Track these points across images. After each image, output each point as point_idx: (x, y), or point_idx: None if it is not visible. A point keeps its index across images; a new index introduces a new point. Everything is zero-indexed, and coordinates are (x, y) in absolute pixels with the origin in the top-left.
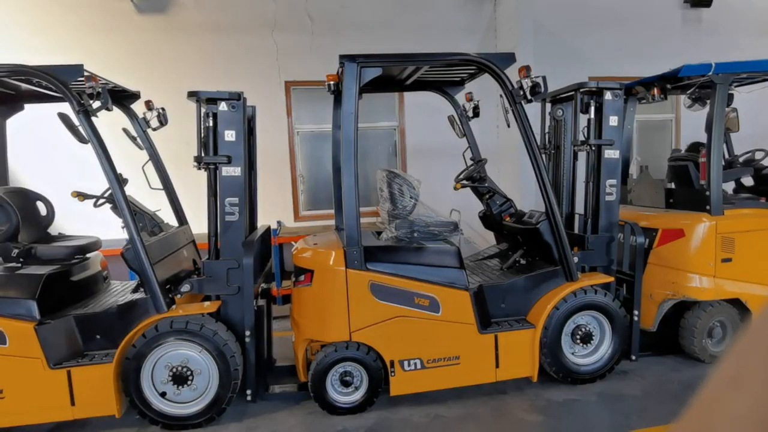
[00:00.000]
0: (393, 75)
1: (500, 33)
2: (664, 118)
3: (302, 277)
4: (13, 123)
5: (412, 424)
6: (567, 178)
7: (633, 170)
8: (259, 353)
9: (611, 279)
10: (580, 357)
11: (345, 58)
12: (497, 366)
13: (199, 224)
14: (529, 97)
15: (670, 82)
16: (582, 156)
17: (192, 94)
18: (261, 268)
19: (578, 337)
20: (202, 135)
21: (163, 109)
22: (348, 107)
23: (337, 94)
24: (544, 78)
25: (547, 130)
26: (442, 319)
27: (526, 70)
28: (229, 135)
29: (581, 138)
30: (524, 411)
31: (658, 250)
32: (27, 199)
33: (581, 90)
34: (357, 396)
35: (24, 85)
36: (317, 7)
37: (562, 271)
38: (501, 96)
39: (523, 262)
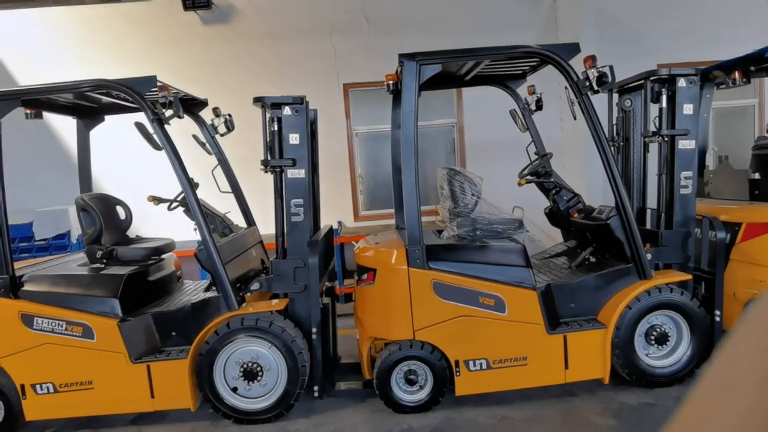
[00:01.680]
0: (452, 71)
1: (561, 23)
2: (746, 104)
3: (365, 276)
4: (93, 133)
5: (478, 424)
6: (637, 172)
7: (710, 161)
8: (325, 350)
9: (688, 277)
10: (655, 359)
11: (404, 57)
12: (566, 367)
13: (266, 225)
14: (595, 87)
15: (753, 65)
16: (653, 148)
17: (257, 100)
18: (325, 267)
19: (653, 337)
20: (268, 139)
21: (229, 115)
22: (408, 106)
23: (396, 93)
24: (611, 67)
25: (614, 121)
26: (508, 319)
27: (591, 59)
28: (294, 138)
29: (652, 129)
30: (596, 414)
31: (742, 245)
32: (108, 204)
33: (651, 78)
34: (422, 395)
35: (104, 98)
36: (373, 8)
37: (634, 269)
38: (566, 88)
39: (592, 259)
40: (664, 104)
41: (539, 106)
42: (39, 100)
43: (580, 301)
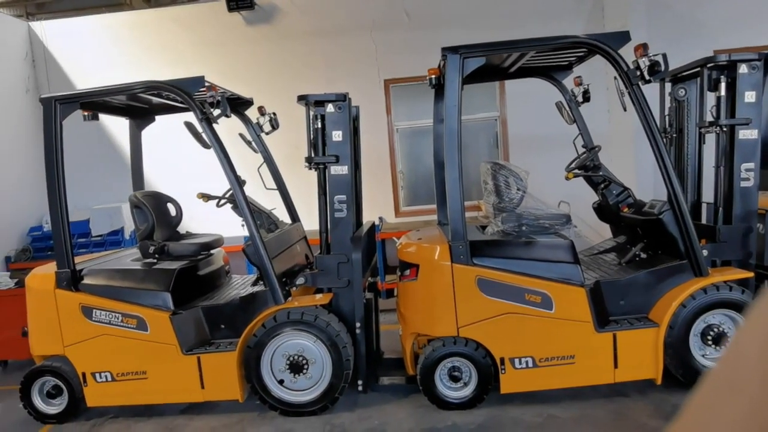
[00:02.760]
0: (496, 64)
1: (608, 11)
2: None
3: (407, 272)
4: (144, 134)
5: (524, 423)
6: (692, 164)
7: None
8: (368, 345)
9: (750, 274)
10: (713, 360)
11: (447, 50)
12: (616, 366)
13: (310, 221)
14: (647, 77)
15: None
16: (710, 139)
17: (301, 98)
18: (368, 263)
19: (710, 338)
20: (312, 136)
21: (274, 113)
22: (451, 100)
23: (438, 87)
24: (664, 56)
25: (667, 112)
26: (555, 316)
27: (643, 48)
28: (337, 135)
29: (709, 119)
30: (647, 416)
31: None
32: (160, 201)
33: (709, 65)
34: (466, 392)
35: (155, 99)
36: (414, 3)
37: (689, 266)
38: (615, 78)
39: (643, 256)
40: (723, 92)
41: (586, 97)
42: (95, 103)
43: (631, 299)
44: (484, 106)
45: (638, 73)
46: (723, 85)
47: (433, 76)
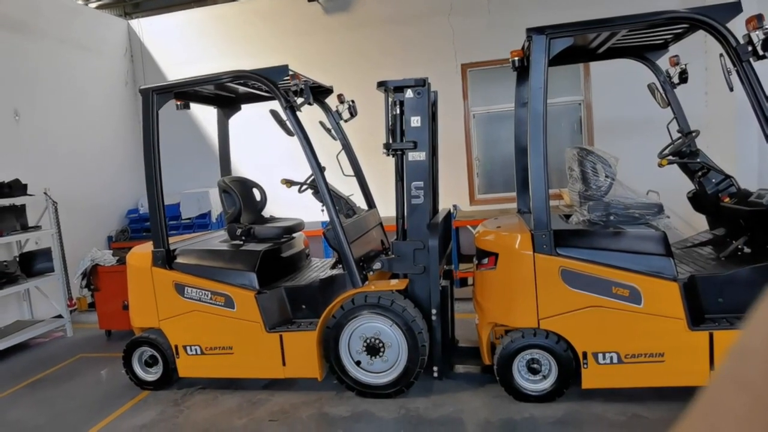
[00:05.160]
0: (583, 44)
1: None
2: None
3: (486, 261)
4: (231, 122)
5: (606, 420)
6: None
7: None
8: (444, 332)
9: None
10: None
11: (532, 31)
12: (711, 368)
13: (385, 208)
14: (761, 52)
15: None
16: None
17: (381, 84)
18: (443, 250)
19: None
20: (390, 122)
21: (353, 101)
22: (537, 82)
23: (521, 70)
24: None
25: None
26: (644, 311)
27: (757, 20)
28: (415, 121)
29: None
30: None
31: None
32: (246, 186)
33: None
34: (545, 384)
35: (241, 88)
36: None
37: None
38: (721, 56)
39: (747, 250)
40: None
41: (683, 78)
42: (187, 93)
43: (731, 296)
44: (566, 89)
45: (750, 48)
46: None
47: (516, 58)
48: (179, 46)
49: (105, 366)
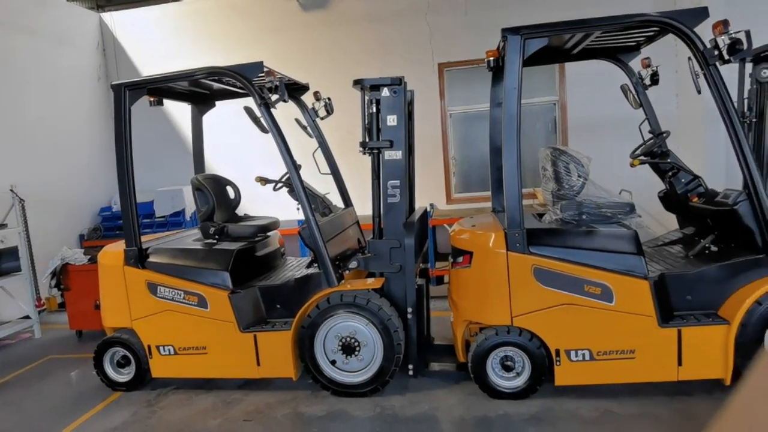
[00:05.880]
0: (558, 45)
1: None
2: None
3: (460, 259)
4: (205, 119)
5: (579, 417)
6: None
7: None
8: (419, 330)
9: None
10: None
11: (508, 31)
12: (680, 364)
13: (362, 206)
14: (726, 56)
15: None
16: None
17: (357, 82)
18: (419, 249)
19: None
20: (366, 121)
21: (329, 99)
22: (511, 82)
23: (497, 70)
24: (747, 33)
25: (746, 95)
26: (615, 309)
27: (723, 25)
28: (391, 120)
29: None
30: (713, 417)
31: None
32: (220, 184)
33: None
34: (519, 382)
35: (216, 85)
36: None
37: (766, 260)
38: (689, 59)
39: (714, 248)
40: None
41: (655, 80)
42: (161, 89)
43: (699, 294)
44: (541, 90)
45: (716, 52)
46: None
47: (492, 58)
48: (153, 42)
49: (75, 367)
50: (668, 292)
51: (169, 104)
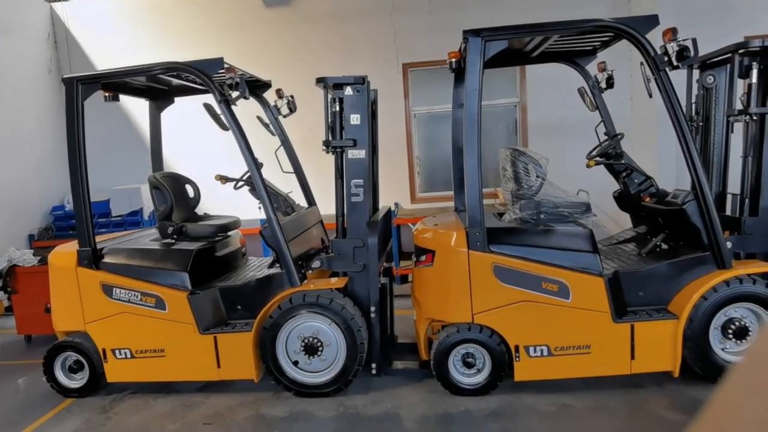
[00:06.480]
0: (518, 48)
1: None
2: None
3: (423, 258)
4: (164, 115)
5: (537, 411)
6: (718, 154)
7: None
8: (382, 329)
9: None
10: (733, 354)
11: (469, 33)
12: (633, 357)
13: (325, 205)
14: (675, 63)
15: None
16: (738, 128)
17: (320, 81)
18: (383, 248)
19: (730, 331)
20: (329, 120)
21: (292, 96)
22: (471, 84)
23: (459, 71)
24: (694, 41)
25: (694, 99)
26: (572, 305)
27: (672, 32)
28: (355, 119)
29: (738, 107)
30: (664, 408)
31: None
32: (178, 182)
33: (741, 51)
34: (480, 378)
35: (175, 81)
36: None
37: (711, 258)
38: (641, 64)
39: (664, 246)
40: (755, 80)
41: (610, 84)
42: (116, 84)
43: (650, 290)
44: (503, 91)
45: (666, 58)
46: (755, 73)
47: (454, 60)
48: (109, 35)
49: (24, 374)
50: (622, 289)
51: (128, 100)
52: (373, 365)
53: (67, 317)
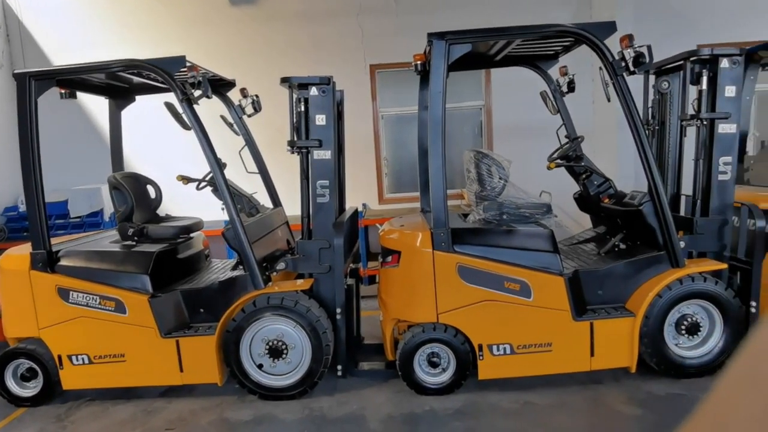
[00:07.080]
0: (482, 51)
1: (595, 2)
2: None
3: (389, 258)
4: (125, 114)
5: (501, 409)
6: (673, 156)
7: (750, 147)
8: (348, 330)
9: (723, 266)
10: (686, 349)
11: (433, 36)
12: (592, 354)
13: (292, 206)
14: (631, 68)
15: None
16: (691, 132)
17: (284, 80)
18: (350, 249)
19: (683, 327)
20: (294, 120)
21: (257, 96)
22: (436, 86)
23: (424, 74)
24: (649, 47)
25: (650, 104)
26: (533, 304)
27: (628, 39)
28: (320, 119)
29: (691, 112)
30: (622, 403)
31: None
32: (139, 183)
33: (692, 58)
34: (444, 377)
35: (135, 78)
36: None
37: (666, 257)
38: (600, 69)
39: (622, 246)
40: (705, 86)
41: (571, 87)
42: (73, 80)
43: (609, 289)
44: (469, 94)
45: (623, 64)
46: (705, 79)
47: (419, 62)
48: (67, 29)
49: None
50: (581, 288)
51: (88, 96)
52: (339, 367)
53: (19, 323)
